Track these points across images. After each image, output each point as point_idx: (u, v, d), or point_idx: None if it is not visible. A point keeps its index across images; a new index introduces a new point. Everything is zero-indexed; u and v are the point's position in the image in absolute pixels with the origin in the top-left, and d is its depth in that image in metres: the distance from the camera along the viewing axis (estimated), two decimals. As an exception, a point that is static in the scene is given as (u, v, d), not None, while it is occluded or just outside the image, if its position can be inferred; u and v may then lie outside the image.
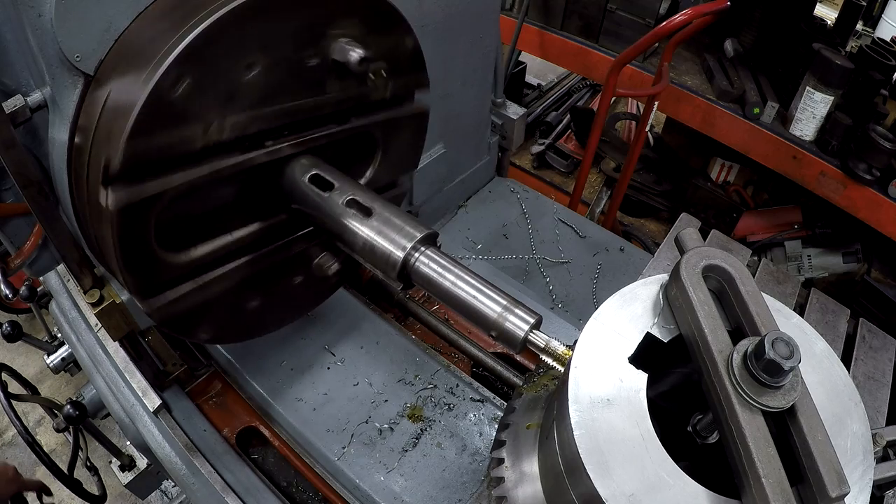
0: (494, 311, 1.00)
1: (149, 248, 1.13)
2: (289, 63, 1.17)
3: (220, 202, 1.24)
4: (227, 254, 1.29)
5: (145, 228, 1.10)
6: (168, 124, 1.02)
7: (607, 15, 3.67)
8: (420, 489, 1.59)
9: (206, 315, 1.34)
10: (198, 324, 1.34)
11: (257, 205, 1.31)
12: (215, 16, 0.99)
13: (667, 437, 0.81)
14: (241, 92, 1.11)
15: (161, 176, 1.06)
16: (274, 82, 1.15)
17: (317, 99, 1.27)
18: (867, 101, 3.17)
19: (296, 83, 1.21)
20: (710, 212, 4.25)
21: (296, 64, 1.19)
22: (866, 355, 1.44)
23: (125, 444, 2.39)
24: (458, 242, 2.38)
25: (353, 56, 1.19)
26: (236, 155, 1.17)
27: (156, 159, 1.04)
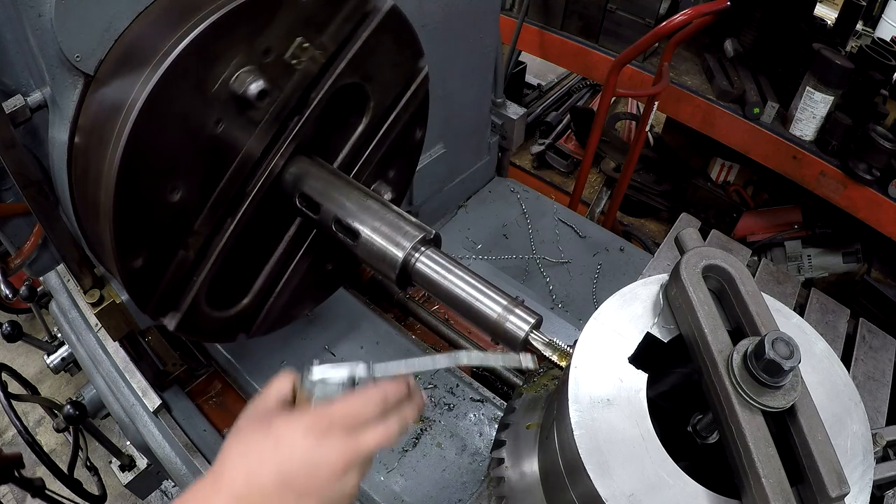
0: (495, 312, 1.00)
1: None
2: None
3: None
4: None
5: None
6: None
7: (607, 15, 3.67)
8: (420, 489, 1.59)
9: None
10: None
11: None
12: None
13: (667, 437, 0.81)
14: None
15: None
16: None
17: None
18: (867, 101, 3.17)
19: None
20: (710, 212, 4.25)
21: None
22: (866, 355, 1.44)
23: (125, 444, 2.39)
24: (458, 242, 2.38)
25: (251, 90, 1.10)
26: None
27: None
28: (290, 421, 0.81)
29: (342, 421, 0.80)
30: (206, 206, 1.18)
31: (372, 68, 1.35)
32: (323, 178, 1.25)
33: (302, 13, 1.14)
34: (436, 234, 1.15)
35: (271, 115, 1.19)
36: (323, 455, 0.78)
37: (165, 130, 1.03)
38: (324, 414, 0.81)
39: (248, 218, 1.28)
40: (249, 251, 1.35)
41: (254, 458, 0.79)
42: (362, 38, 1.29)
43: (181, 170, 1.10)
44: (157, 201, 1.10)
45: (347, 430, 0.80)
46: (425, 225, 1.16)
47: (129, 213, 1.07)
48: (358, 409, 0.82)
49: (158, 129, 1.02)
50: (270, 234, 1.38)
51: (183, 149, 1.08)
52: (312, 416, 0.81)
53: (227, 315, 1.37)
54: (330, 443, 0.79)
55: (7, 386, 2.09)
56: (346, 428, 0.80)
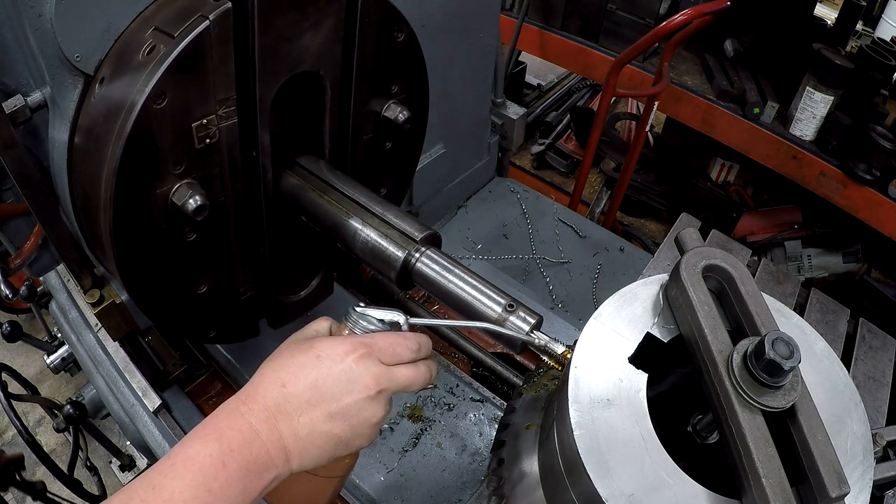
0: (495, 312, 1.00)
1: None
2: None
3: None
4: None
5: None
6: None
7: (607, 15, 3.67)
8: (420, 489, 1.59)
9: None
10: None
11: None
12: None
13: (667, 437, 0.81)
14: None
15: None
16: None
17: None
18: (867, 101, 3.17)
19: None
20: (710, 212, 4.25)
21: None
22: (866, 355, 1.44)
23: (125, 444, 2.39)
24: (458, 242, 2.38)
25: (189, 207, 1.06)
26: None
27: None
28: (332, 341, 0.86)
29: (381, 351, 0.85)
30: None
31: (285, 59, 1.14)
32: (315, 188, 1.25)
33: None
34: (436, 233, 1.15)
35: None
36: (360, 374, 0.82)
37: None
38: (366, 341, 0.86)
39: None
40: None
41: (291, 370, 0.82)
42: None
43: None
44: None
45: (384, 360, 0.85)
46: (426, 225, 1.16)
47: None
48: (396, 346, 0.87)
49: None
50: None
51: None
52: (355, 340, 0.85)
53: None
54: (368, 364, 0.83)
55: (7, 386, 2.09)
56: (383, 358, 0.85)
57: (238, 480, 0.73)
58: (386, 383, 0.84)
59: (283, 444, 0.78)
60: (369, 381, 0.82)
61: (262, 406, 0.79)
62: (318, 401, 0.80)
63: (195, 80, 1.02)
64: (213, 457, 0.72)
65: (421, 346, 0.90)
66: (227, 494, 0.72)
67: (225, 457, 0.73)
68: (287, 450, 0.79)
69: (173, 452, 0.74)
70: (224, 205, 1.20)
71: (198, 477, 0.71)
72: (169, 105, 1.01)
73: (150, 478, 0.71)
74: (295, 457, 0.80)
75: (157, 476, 0.71)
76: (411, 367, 0.88)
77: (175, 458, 0.73)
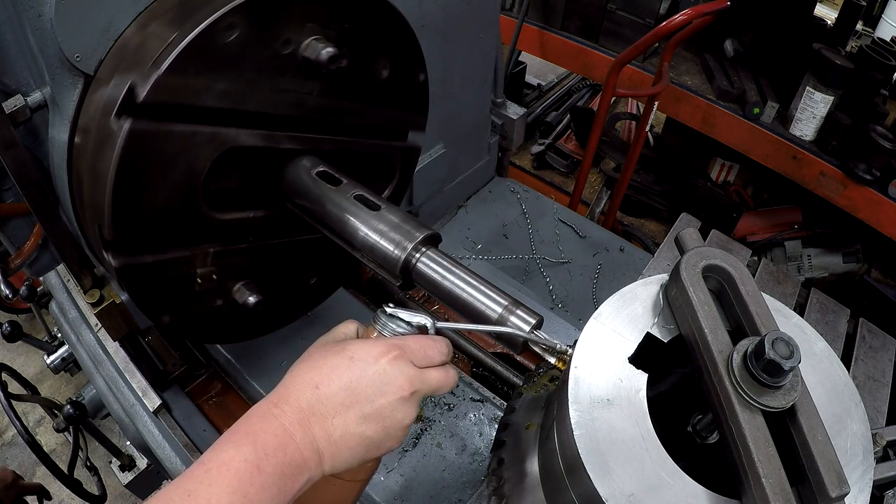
0: (495, 312, 1.00)
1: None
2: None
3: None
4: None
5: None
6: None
7: (607, 15, 3.67)
8: (420, 489, 1.59)
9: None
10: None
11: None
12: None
13: (667, 437, 0.81)
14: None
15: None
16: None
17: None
18: (867, 101, 3.17)
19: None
20: (710, 212, 4.25)
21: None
22: (866, 355, 1.44)
23: (125, 444, 2.39)
24: (458, 242, 2.38)
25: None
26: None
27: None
28: (365, 343, 0.86)
29: (413, 353, 0.86)
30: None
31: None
32: (315, 188, 1.26)
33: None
34: (436, 233, 1.15)
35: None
36: (394, 375, 0.83)
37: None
38: (398, 343, 0.86)
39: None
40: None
41: (325, 372, 0.82)
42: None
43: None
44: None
45: (416, 362, 0.86)
46: (426, 225, 1.16)
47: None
48: (427, 349, 0.88)
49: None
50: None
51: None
52: (387, 342, 0.86)
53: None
54: (401, 365, 0.84)
55: (7, 386, 2.09)
56: (416, 360, 0.86)
57: (273, 484, 0.72)
58: (419, 385, 0.85)
59: (317, 447, 0.78)
60: (403, 383, 0.83)
61: (296, 408, 0.78)
62: (352, 402, 0.80)
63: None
64: (248, 461, 0.71)
65: (449, 350, 0.91)
66: (263, 499, 0.71)
67: (260, 461, 0.72)
68: (320, 452, 0.78)
69: (207, 457, 0.73)
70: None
71: (234, 482, 0.69)
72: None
73: (185, 484, 0.70)
74: (328, 459, 0.79)
75: (191, 482, 0.70)
76: (441, 370, 0.89)
77: (210, 463, 0.72)
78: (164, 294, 1.24)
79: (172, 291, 1.25)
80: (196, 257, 1.25)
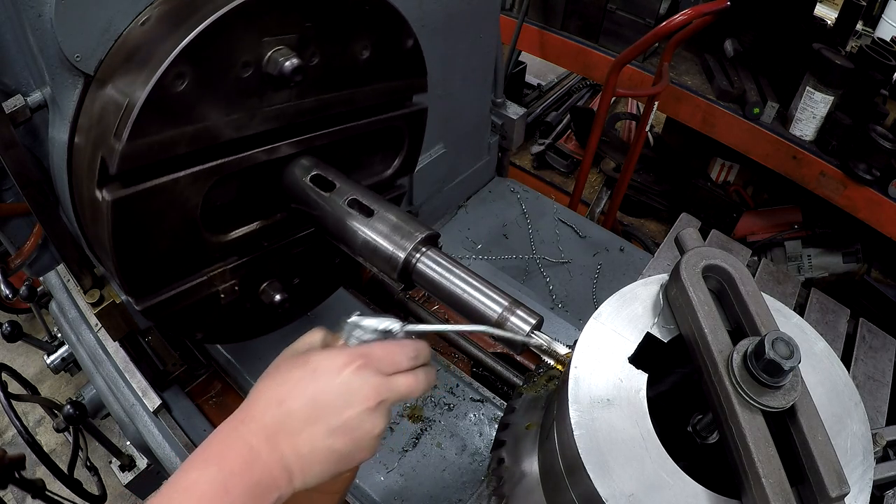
0: (495, 312, 1.00)
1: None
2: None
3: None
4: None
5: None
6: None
7: (607, 15, 3.67)
8: (420, 489, 1.59)
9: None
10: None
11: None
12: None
13: (667, 437, 0.81)
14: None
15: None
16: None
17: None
18: (867, 101, 3.17)
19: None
20: (710, 212, 4.25)
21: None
22: (866, 355, 1.44)
23: (125, 444, 2.39)
24: (458, 242, 2.38)
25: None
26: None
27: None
28: (328, 354, 0.83)
29: (378, 361, 0.83)
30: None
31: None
32: (335, 172, 1.26)
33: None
34: (436, 233, 1.15)
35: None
36: (359, 386, 0.80)
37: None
38: (363, 352, 0.83)
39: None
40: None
41: (288, 387, 0.80)
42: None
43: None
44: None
45: (382, 370, 0.83)
46: (426, 225, 1.16)
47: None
48: (393, 355, 0.85)
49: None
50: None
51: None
52: (351, 352, 0.83)
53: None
54: (366, 375, 0.81)
55: (7, 386, 2.09)
56: (382, 368, 0.83)
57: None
58: (386, 393, 0.82)
59: (286, 464, 0.76)
60: (369, 393, 0.80)
61: (261, 425, 0.77)
62: (318, 416, 0.78)
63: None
64: (214, 483, 0.70)
65: (418, 353, 0.87)
66: None
67: (227, 481, 0.71)
68: (290, 469, 0.76)
69: (173, 480, 0.71)
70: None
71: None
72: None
73: None
74: (298, 475, 0.77)
75: None
76: (410, 376, 0.85)
77: (175, 485, 0.70)
78: (191, 318, 1.28)
79: (199, 313, 1.29)
80: (214, 278, 1.28)
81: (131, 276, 1.12)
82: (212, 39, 1.00)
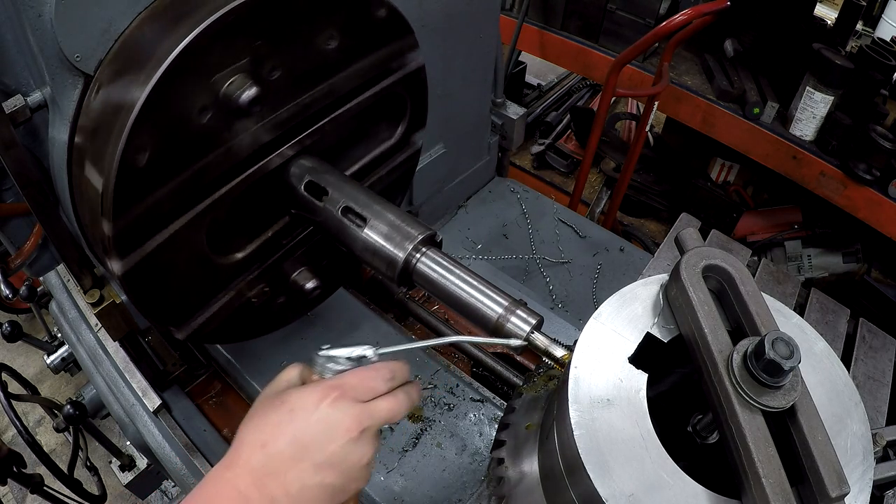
0: (496, 312, 1.00)
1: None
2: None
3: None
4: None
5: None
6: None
7: (607, 15, 3.67)
8: (420, 489, 1.59)
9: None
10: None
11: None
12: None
13: (667, 437, 0.81)
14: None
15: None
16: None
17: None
18: (867, 101, 3.17)
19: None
20: (710, 212, 4.25)
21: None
22: (866, 355, 1.44)
23: (125, 444, 2.39)
24: (458, 242, 2.38)
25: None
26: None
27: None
28: (303, 392, 0.83)
29: (354, 390, 0.83)
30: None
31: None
32: (330, 174, 1.26)
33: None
34: (437, 234, 1.15)
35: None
36: (338, 419, 0.80)
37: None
38: (336, 383, 0.83)
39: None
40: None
41: (269, 431, 0.80)
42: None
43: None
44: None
45: (359, 397, 0.83)
46: (426, 225, 1.16)
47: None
48: (368, 380, 0.84)
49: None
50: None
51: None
52: (325, 385, 0.83)
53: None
54: (343, 406, 0.81)
55: (7, 386, 2.09)
56: (358, 396, 0.83)
57: None
58: (367, 421, 0.82)
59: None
60: (349, 423, 0.80)
61: (247, 470, 0.77)
62: (302, 455, 0.78)
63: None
64: None
65: (394, 374, 0.87)
66: None
67: None
68: None
69: None
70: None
71: None
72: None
73: None
74: None
75: None
76: (390, 398, 0.85)
77: None
78: (230, 327, 1.35)
79: (236, 321, 1.35)
80: (242, 290, 1.31)
81: (160, 317, 1.19)
82: (159, 103, 0.99)
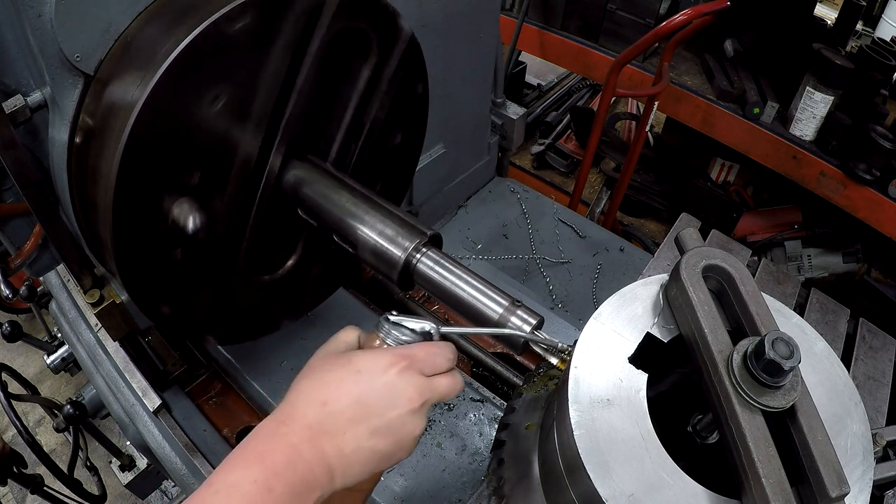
0: (496, 313, 1.00)
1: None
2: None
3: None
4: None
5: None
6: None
7: (607, 15, 3.67)
8: (420, 489, 1.59)
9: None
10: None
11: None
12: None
13: (667, 437, 0.81)
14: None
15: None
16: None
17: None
18: (867, 101, 3.17)
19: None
20: (710, 212, 4.25)
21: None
22: (866, 355, 1.44)
23: (125, 444, 2.39)
24: (458, 242, 2.38)
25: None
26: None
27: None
28: (371, 355, 0.84)
29: (421, 362, 0.84)
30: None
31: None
32: (320, 181, 1.25)
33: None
34: (437, 234, 1.15)
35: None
36: (402, 387, 0.81)
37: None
38: (406, 353, 0.84)
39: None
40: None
41: (332, 387, 0.80)
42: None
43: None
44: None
45: (424, 371, 0.84)
46: (426, 225, 1.16)
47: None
48: (434, 356, 0.86)
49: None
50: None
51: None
52: (395, 353, 0.84)
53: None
54: (409, 377, 0.82)
55: (7, 386, 2.09)
56: (424, 369, 0.84)
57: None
58: (428, 394, 0.83)
59: (327, 462, 0.76)
60: (413, 394, 0.81)
61: (303, 425, 0.77)
62: (363, 417, 0.78)
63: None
64: (257, 482, 0.70)
65: (455, 355, 0.89)
66: None
67: (270, 481, 0.71)
68: (331, 468, 0.77)
69: (214, 479, 0.71)
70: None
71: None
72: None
73: None
74: (339, 475, 0.78)
75: None
76: (449, 377, 0.87)
77: (218, 484, 0.70)
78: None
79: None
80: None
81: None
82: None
